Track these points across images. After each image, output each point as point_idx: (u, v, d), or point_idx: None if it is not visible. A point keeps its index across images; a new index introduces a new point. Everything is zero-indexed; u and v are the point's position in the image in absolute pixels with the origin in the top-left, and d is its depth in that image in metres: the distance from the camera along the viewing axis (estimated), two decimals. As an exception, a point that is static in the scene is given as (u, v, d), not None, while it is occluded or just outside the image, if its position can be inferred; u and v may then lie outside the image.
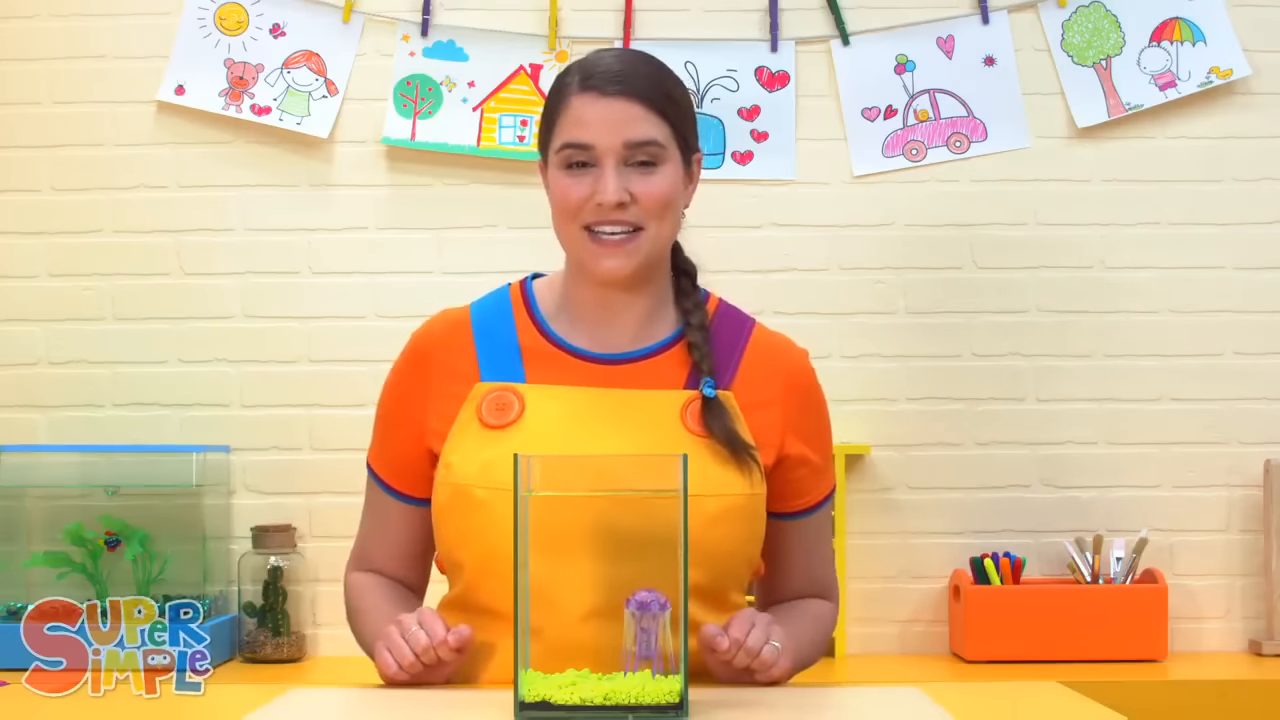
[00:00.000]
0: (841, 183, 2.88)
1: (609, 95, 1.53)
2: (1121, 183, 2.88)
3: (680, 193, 1.58)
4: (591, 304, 1.61)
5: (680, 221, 1.61)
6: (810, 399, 1.66)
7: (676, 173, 1.57)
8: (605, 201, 1.52)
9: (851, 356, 2.85)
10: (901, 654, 2.84)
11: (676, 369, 1.61)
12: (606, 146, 1.53)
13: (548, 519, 1.39)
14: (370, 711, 1.39)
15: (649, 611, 1.28)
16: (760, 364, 1.63)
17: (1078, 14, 2.88)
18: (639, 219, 1.54)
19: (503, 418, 1.56)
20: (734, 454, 1.55)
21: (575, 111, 1.54)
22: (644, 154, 1.54)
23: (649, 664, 1.30)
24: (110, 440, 2.82)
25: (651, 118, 1.54)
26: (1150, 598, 2.70)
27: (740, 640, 1.44)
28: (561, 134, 1.55)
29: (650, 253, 1.57)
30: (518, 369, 1.60)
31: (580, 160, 1.54)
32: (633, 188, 1.53)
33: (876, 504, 2.84)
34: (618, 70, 1.55)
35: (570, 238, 1.58)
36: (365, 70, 2.87)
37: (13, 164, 2.87)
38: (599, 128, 1.53)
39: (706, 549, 1.51)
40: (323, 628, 2.83)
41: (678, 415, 1.57)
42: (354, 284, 2.85)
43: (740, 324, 1.67)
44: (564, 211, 1.57)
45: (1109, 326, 2.87)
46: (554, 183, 1.58)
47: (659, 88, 1.56)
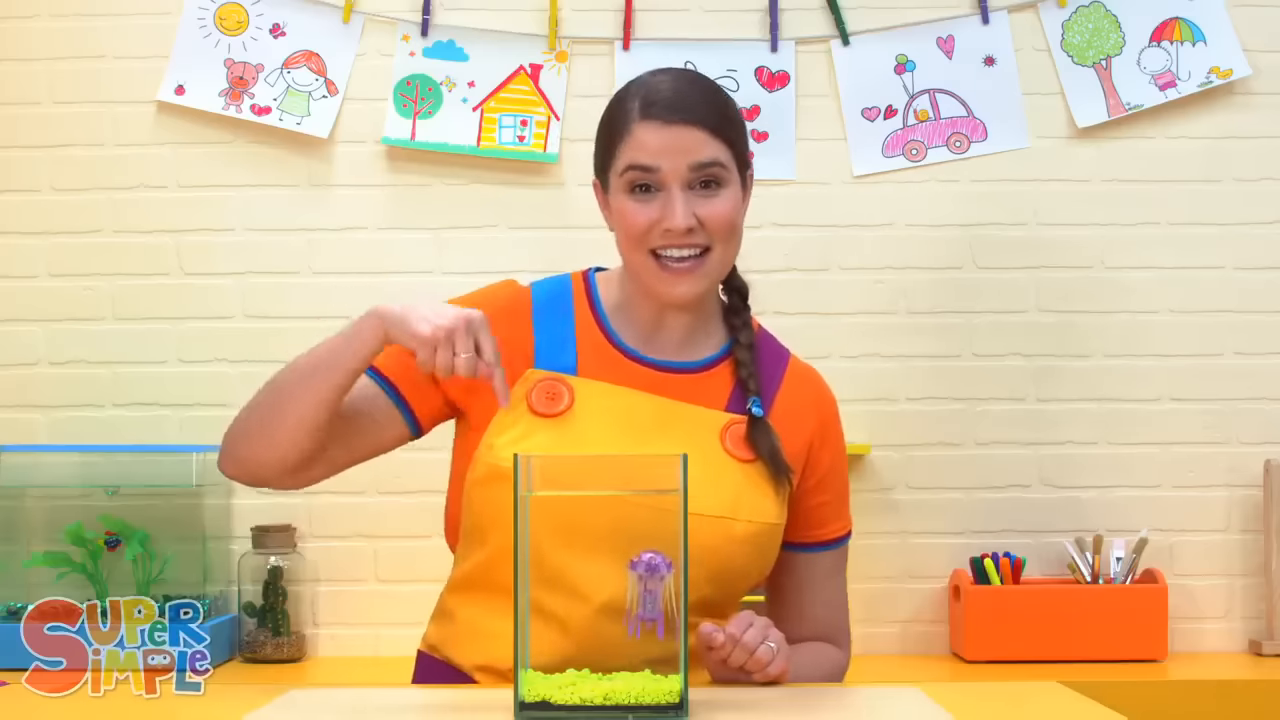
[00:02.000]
0: (841, 183, 2.88)
1: (673, 123, 1.55)
2: (1121, 183, 2.88)
3: (742, 210, 1.61)
4: (647, 312, 1.64)
5: (741, 239, 1.63)
6: (835, 431, 1.71)
7: (738, 192, 1.60)
8: (674, 228, 1.55)
9: (851, 356, 2.85)
10: (901, 654, 2.83)
11: (720, 387, 1.63)
12: (671, 170, 1.55)
13: (569, 512, 1.44)
14: (370, 711, 1.39)
15: (656, 573, 1.29)
16: (796, 394, 1.67)
17: (1078, 14, 2.88)
18: (706, 241, 1.57)
19: (552, 407, 1.58)
20: (775, 476, 1.58)
21: (639, 137, 1.56)
22: (707, 175, 1.56)
23: (653, 625, 1.30)
24: (110, 440, 2.82)
25: (713, 141, 1.56)
26: (1150, 598, 2.70)
27: (737, 637, 1.45)
28: (625, 157, 1.57)
29: (718, 275, 1.61)
30: (571, 359, 1.61)
31: (644, 183, 1.56)
32: (698, 210, 1.56)
33: (876, 504, 2.84)
34: (678, 97, 1.57)
35: (638, 264, 1.60)
36: (365, 70, 2.87)
37: (13, 164, 2.87)
38: (664, 153, 1.55)
39: (726, 568, 1.55)
40: (323, 628, 2.83)
41: (718, 436, 1.59)
42: (354, 284, 2.85)
43: (779, 353, 1.71)
44: (630, 238, 1.58)
45: (1109, 326, 2.87)
46: (618, 206, 1.59)
47: (719, 111, 1.58)
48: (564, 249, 2.76)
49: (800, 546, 1.67)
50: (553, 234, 2.85)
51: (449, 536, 1.69)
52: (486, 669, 1.56)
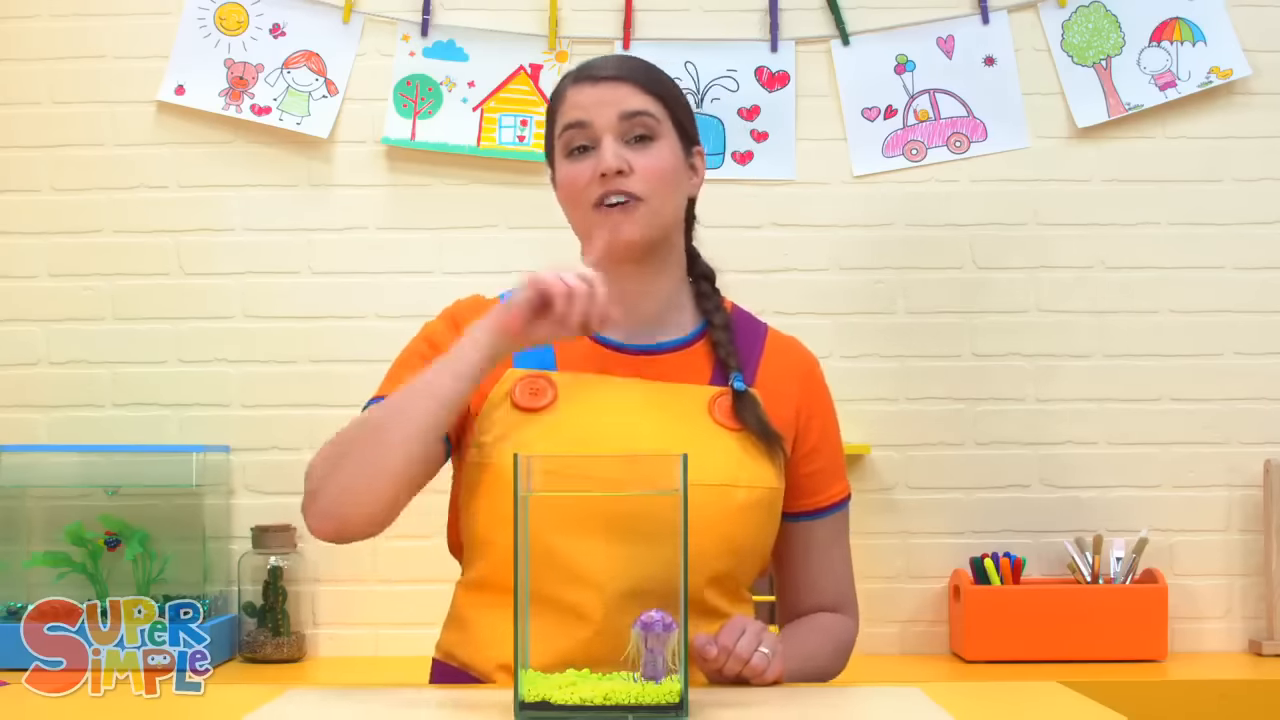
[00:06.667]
0: (841, 183, 2.88)
1: (601, 81, 1.60)
2: (1121, 183, 2.88)
3: (680, 170, 1.63)
4: (613, 294, 1.62)
5: (682, 209, 1.66)
6: (824, 397, 1.72)
7: (674, 149, 1.62)
8: (606, 169, 1.57)
9: (851, 356, 2.85)
10: (901, 654, 2.83)
11: (700, 364, 1.64)
12: (603, 122, 1.59)
13: (571, 507, 1.45)
14: (370, 712, 1.39)
15: (653, 631, 1.28)
16: (778, 363, 1.68)
17: (1078, 14, 2.88)
18: (638, 189, 1.58)
19: (537, 401, 1.58)
20: (766, 444, 1.59)
21: (570, 99, 1.61)
22: (640, 126, 1.59)
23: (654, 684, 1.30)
24: (110, 440, 2.82)
25: (643, 94, 1.61)
26: (1150, 598, 2.70)
27: (729, 648, 1.45)
28: (560, 122, 1.62)
29: (652, 225, 1.60)
30: (549, 356, 1.63)
31: (580, 144, 1.60)
32: (631, 160, 1.58)
33: (876, 504, 2.84)
34: (609, 63, 1.63)
35: (580, 220, 1.62)
36: (365, 70, 2.87)
37: (13, 164, 2.88)
38: (594, 107, 1.59)
39: (735, 538, 1.56)
40: (322, 628, 2.83)
41: (705, 409, 1.60)
42: (354, 284, 2.85)
43: (755, 326, 1.72)
44: (571, 195, 1.61)
45: (1109, 326, 2.87)
46: (559, 172, 1.63)
47: (649, 72, 1.63)
48: (564, 249, 2.75)
49: (799, 516, 1.67)
50: (553, 234, 2.81)
51: (451, 543, 1.69)
52: (508, 668, 1.56)
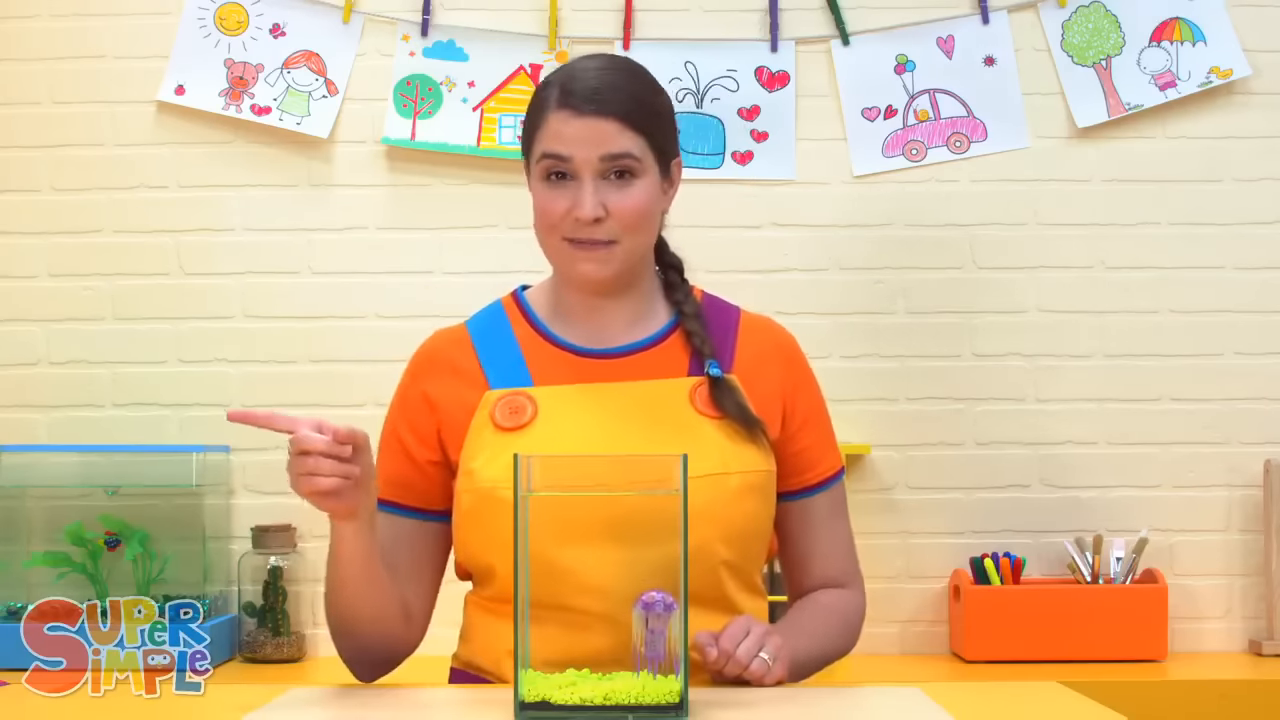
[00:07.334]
0: (841, 183, 2.88)
1: (585, 114, 1.56)
2: (1121, 183, 2.88)
3: (657, 202, 1.62)
4: (581, 307, 1.66)
5: (659, 226, 1.65)
6: (805, 373, 1.71)
7: (653, 184, 1.60)
8: (582, 217, 1.56)
9: (851, 356, 2.85)
10: (901, 654, 2.83)
11: (676, 357, 1.64)
12: (583, 160, 1.56)
13: (571, 511, 1.45)
14: (370, 711, 1.39)
15: (654, 611, 1.29)
16: (754, 344, 1.68)
17: (1078, 14, 2.88)
18: (613, 234, 1.58)
19: (517, 420, 1.58)
20: (748, 429, 1.59)
21: (553, 126, 1.58)
22: (620, 166, 1.57)
23: (657, 664, 1.30)
24: (110, 440, 2.81)
25: (627, 133, 1.57)
26: (1150, 598, 2.70)
27: (729, 652, 1.45)
28: (541, 145, 1.59)
29: (625, 262, 1.61)
30: (523, 373, 1.62)
31: (559, 171, 1.58)
32: (609, 201, 1.57)
33: (876, 504, 2.84)
34: (595, 86, 1.57)
35: (551, 248, 1.62)
36: (365, 70, 2.87)
37: (13, 164, 2.87)
38: (576, 143, 1.56)
39: (735, 525, 1.56)
40: (322, 628, 2.82)
41: (686, 399, 1.60)
42: (354, 284, 2.85)
43: (727, 310, 1.71)
44: (545, 225, 1.61)
45: (1109, 326, 2.86)
46: (535, 192, 1.62)
47: (634, 101, 1.58)
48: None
49: (795, 494, 1.67)
50: (553, 234, 2.84)
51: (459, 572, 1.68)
52: None
